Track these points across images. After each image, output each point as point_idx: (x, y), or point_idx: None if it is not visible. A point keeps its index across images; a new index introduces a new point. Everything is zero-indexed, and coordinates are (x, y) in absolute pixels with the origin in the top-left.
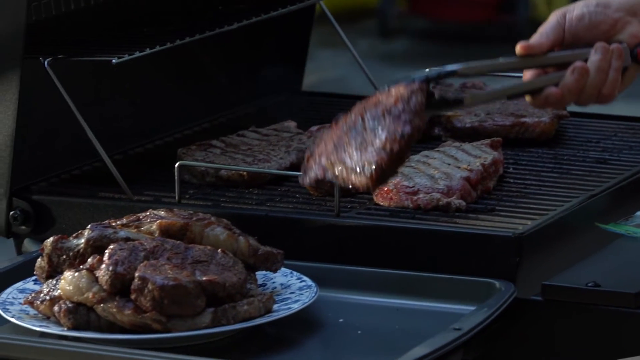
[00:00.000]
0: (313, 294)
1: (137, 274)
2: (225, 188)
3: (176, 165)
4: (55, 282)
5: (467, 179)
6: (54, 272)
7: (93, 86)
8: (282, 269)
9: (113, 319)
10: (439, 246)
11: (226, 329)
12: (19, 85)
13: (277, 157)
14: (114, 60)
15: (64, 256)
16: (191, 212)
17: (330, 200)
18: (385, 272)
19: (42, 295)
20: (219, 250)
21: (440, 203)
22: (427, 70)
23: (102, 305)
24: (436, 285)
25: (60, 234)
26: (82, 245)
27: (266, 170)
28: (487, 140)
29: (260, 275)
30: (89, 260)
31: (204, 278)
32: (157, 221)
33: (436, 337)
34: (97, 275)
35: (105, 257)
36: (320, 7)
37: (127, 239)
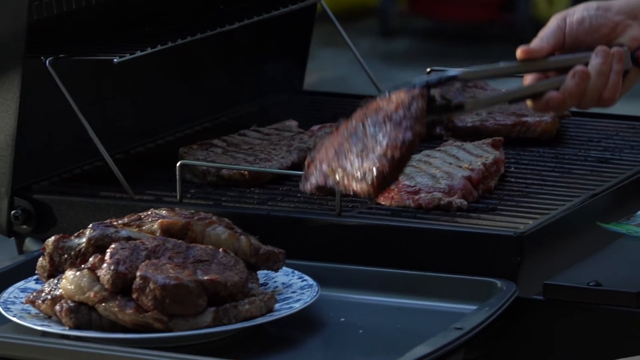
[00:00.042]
0: (314, 293)
1: (138, 273)
2: (227, 187)
3: (177, 164)
4: (56, 281)
5: (468, 178)
6: (55, 271)
7: (94, 85)
8: (284, 268)
9: (114, 318)
10: (440, 246)
11: (227, 328)
12: (20, 84)
13: (278, 156)
14: (115, 60)
15: (66, 255)
16: (192, 211)
17: (332, 199)
18: (387, 272)
19: (43, 294)
20: (221, 249)
21: (442, 202)
22: (427, 76)
23: (104, 304)
24: (437, 284)
25: (62, 233)
26: (84, 244)
27: (267, 170)
28: (489, 140)
29: (261, 274)
30: (91, 259)
31: (206, 277)
32: (159, 220)
33: (437, 336)
34: (98, 274)
35: (107, 257)
36: (322, 6)
37: (129, 238)
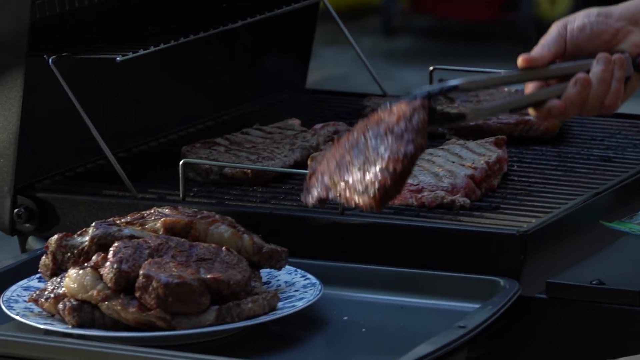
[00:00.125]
0: (317, 292)
1: (141, 272)
2: (230, 186)
3: (180, 163)
4: (59, 279)
5: (471, 177)
6: (58, 269)
7: (97, 84)
8: (287, 266)
9: (117, 317)
10: (443, 244)
11: (230, 326)
12: (23, 83)
13: (281, 154)
14: (118, 58)
15: (69, 254)
16: (195, 209)
17: None
18: (390, 270)
19: (46, 292)
20: (224, 248)
21: (445, 201)
22: (428, 86)
23: (107, 302)
24: (440, 283)
25: (65, 231)
26: (87, 242)
27: (270, 168)
28: (492, 138)
29: (264, 273)
30: (94, 258)
31: (209, 276)
32: (162, 219)
33: (441, 334)
34: (101, 272)
35: (110, 255)
36: (324, 4)
37: (132, 237)
